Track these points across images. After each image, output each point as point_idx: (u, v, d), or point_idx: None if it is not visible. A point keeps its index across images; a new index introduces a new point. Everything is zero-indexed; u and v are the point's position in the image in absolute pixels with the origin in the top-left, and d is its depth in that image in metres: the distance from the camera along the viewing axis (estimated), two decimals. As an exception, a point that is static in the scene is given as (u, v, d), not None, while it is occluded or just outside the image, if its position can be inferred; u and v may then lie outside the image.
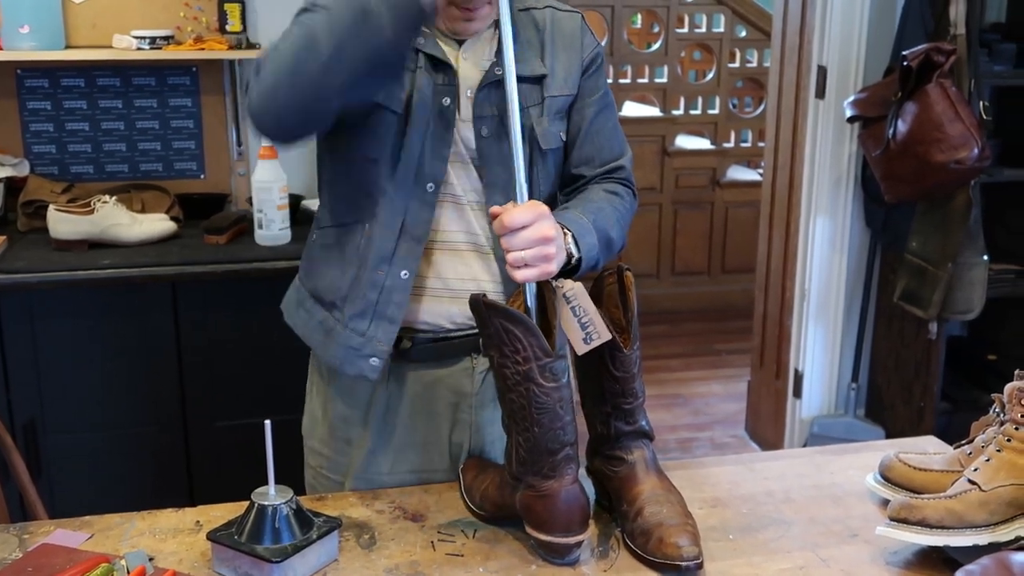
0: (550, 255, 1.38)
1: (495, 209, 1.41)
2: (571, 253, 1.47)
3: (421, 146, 1.54)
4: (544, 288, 1.40)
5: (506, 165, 1.56)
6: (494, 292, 1.59)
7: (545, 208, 1.40)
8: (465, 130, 1.57)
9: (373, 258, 1.57)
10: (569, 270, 1.48)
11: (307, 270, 1.69)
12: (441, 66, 1.55)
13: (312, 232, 1.70)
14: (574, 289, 1.39)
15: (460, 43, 1.58)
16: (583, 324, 1.39)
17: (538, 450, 1.36)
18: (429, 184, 1.56)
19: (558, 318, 1.37)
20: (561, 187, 1.68)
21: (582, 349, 1.40)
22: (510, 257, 1.37)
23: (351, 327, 1.59)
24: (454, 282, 1.60)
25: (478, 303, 1.36)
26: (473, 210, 1.60)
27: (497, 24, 1.58)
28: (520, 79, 1.55)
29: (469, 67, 1.58)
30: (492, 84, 1.55)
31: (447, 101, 1.55)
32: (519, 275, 1.37)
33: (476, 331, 1.42)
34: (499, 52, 1.57)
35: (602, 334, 1.39)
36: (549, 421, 1.35)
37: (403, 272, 1.57)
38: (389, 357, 1.59)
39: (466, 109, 1.57)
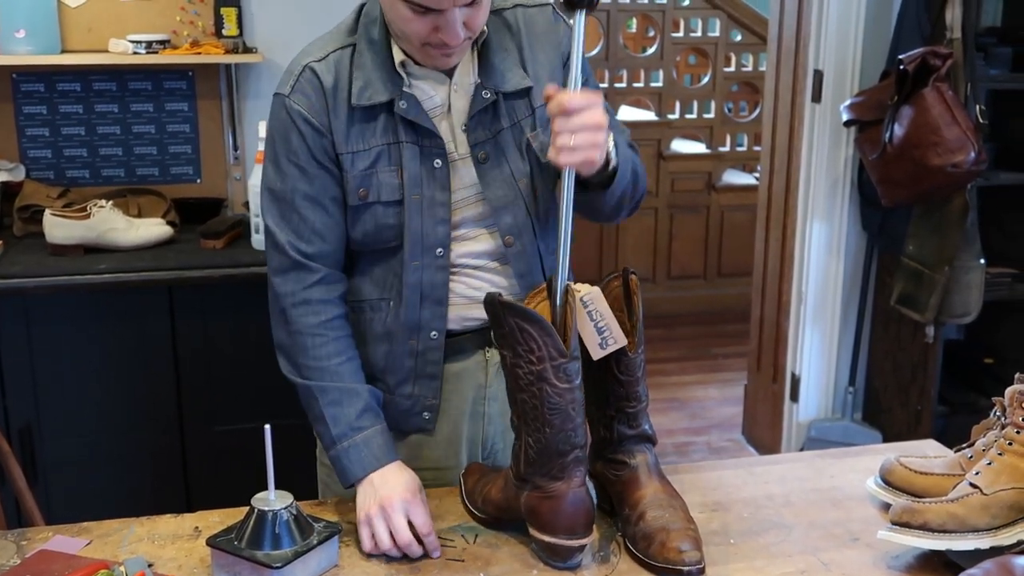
0: (599, 142, 1.37)
1: (550, 90, 1.38)
2: (610, 156, 1.44)
3: (420, 219, 1.53)
4: (566, 292, 1.39)
5: (510, 185, 1.55)
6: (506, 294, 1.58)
7: (599, 97, 1.38)
8: (464, 168, 1.55)
9: (402, 330, 1.58)
10: (604, 180, 1.45)
11: None
12: (424, 129, 1.52)
13: None
14: (591, 293, 1.39)
15: (446, 72, 1.53)
16: (599, 329, 1.38)
17: (548, 451, 1.36)
18: (439, 249, 1.55)
19: (574, 322, 1.37)
20: None
21: (597, 354, 1.40)
22: (559, 140, 1.35)
23: (398, 393, 1.61)
24: (468, 291, 1.59)
25: (493, 302, 1.36)
26: (483, 235, 1.58)
27: (475, 39, 1.52)
28: (507, 96, 1.54)
29: (460, 97, 1.55)
30: (482, 110, 1.53)
31: (439, 163, 1.53)
32: (563, 159, 1.36)
33: (487, 325, 1.42)
34: (483, 72, 1.53)
35: (618, 339, 1.39)
36: (561, 422, 1.35)
37: (432, 334, 1.59)
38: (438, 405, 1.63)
39: (463, 145, 1.55)
